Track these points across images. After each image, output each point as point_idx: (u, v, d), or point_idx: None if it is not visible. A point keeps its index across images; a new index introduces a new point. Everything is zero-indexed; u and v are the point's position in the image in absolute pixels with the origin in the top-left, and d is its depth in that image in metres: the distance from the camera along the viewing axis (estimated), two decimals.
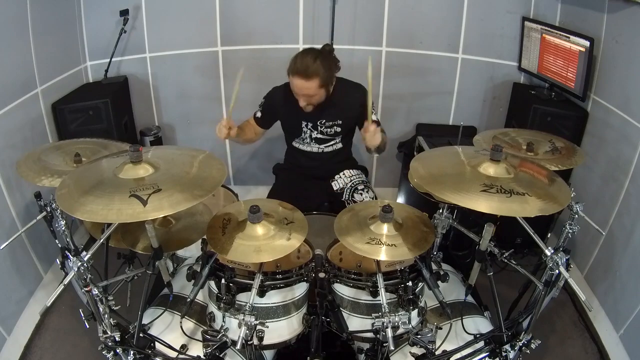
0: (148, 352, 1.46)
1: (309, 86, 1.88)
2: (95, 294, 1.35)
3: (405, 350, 1.53)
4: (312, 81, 1.86)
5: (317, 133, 2.13)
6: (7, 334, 2.03)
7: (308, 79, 1.86)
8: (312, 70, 1.84)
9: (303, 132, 2.15)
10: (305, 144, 2.19)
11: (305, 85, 1.87)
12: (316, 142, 2.17)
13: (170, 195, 1.23)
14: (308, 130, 2.13)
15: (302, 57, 1.88)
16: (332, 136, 2.15)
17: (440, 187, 1.33)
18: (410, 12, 2.82)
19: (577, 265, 2.50)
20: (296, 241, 1.35)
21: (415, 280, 1.44)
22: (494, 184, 1.31)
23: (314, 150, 2.19)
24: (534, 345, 1.53)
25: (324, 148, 2.18)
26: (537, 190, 1.33)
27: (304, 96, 1.93)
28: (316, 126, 2.11)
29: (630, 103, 2.14)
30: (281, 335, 1.47)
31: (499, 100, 3.01)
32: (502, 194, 1.29)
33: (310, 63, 1.84)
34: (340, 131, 2.13)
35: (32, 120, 2.32)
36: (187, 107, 3.11)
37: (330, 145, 2.18)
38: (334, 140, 2.17)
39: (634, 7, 2.06)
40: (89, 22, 2.74)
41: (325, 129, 2.12)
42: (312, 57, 1.86)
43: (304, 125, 2.13)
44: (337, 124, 2.11)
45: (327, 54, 1.95)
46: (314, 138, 2.15)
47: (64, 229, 1.58)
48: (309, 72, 1.84)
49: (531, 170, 1.46)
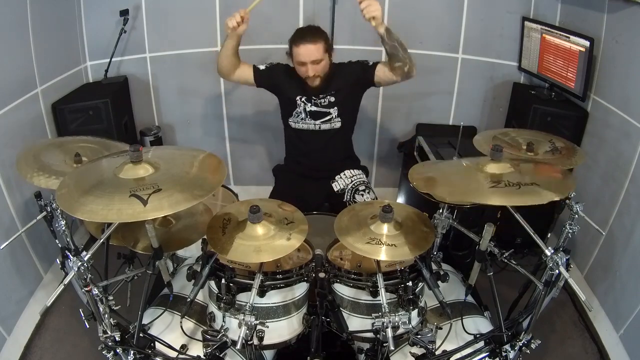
0: (148, 352, 1.46)
1: (317, 49, 1.97)
2: (95, 294, 1.35)
3: (405, 350, 1.53)
4: (318, 44, 1.97)
5: (312, 105, 2.13)
6: (7, 334, 2.03)
7: (315, 42, 1.96)
8: (317, 34, 1.99)
9: (297, 106, 2.15)
10: (301, 119, 2.17)
11: (313, 48, 1.97)
12: (311, 117, 2.16)
13: (170, 195, 1.23)
14: (302, 103, 2.14)
15: (303, 27, 2.07)
16: (326, 107, 2.14)
17: (448, 190, 1.35)
18: (410, 12, 2.82)
19: (577, 265, 2.50)
20: (296, 241, 1.35)
21: (415, 280, 1.44)
22: (501, 180, 1.34)
23: (311, 127, 2.18)
24: (534, 345, 1.53)
25: (321, 124, 2.17)
26: (542, 179, 1.37)
27: (312, 63, 2.00)
28: (310, 99, 2.13)
29: (630, 103, 2.14)
30: (281, 335, 1.47)
31: (499, 100, 3.01)
32: (511, 187, 1.32)
33: (314, 29, 2.02)
34: (335, 102, 2.13)
35: (32, 120, 2.32)
36: (187, 107, 3.11)
37: (327, 121, 2.16)
38: (330, 115, 2.15)
39: (634, 7, 2.06)
40: (89, 22, 2.74)
41: (319, 100, 2.13)
42: (313, 26, 2.05)
43: (298, 99, 2.14)
44: (330, 94, 2.12)
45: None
46: (308, 112, 2.15)
47: (64, 229, 1.57)
48: (315, 35, 1.98)
49: (548, 172, 1.49)
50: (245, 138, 3.23)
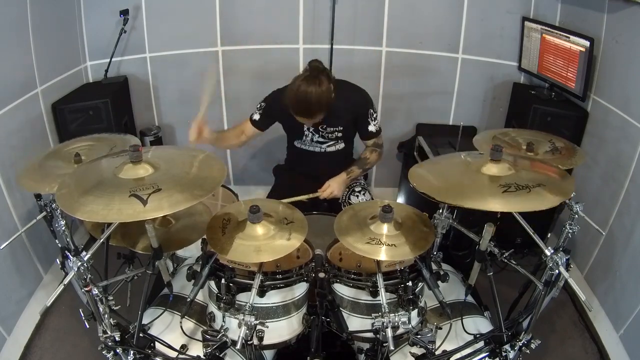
0: (148, 352, 1.46)
1: (313, 121, 1.95)
2: (95, 294, 1.35)
3: (405, 350, 1.53)
4: (315, 117, 1.90)
5: (319, 137, 2.14)
6: (7, 334, 2.03)
7: (312, 117, 1.90)
8: (313, 109, 1.84)
9: (305, 136, 2.15)
10: (307, 144, 2.19)
11: (310, 121, 1.96)
12: (318, 144, 2.17)
13: (170, 195, 1.23)
14: (310, 133, 2.14)
15: (299, 96, 1.80)
16: (333, 140, 2.16)
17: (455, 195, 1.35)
18: (410, 12, 2.82)
19: (577, 265, 2.50)
20: (296, 241, 1.35)
21: (415, 280, 1.44)
22: (509, 183, 1.34)
23: (317, 150, 2.19)
24: (534, 345, 1.53)
25: (326, 148, 2.18)
26: (545, 179, 1.37)
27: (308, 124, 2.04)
28: (318, 130, 2.12)
29: (630, 103, 2.14)
30: (281, 335, 1.47)
31: (499, 100, 3.01)
32: (522, 190, 1.31)
33: (310, 103, 1.81)
34: (342, 136, 2.14)
35: (32, 120, 2.32)
36: (187, 107, 3.09)
37: (332, 145, 2.18)
38: (335, 141, 2.17)
39: (634, 7, 2.06)
40: (89, 22, 2.74)
41: (327, 134, 2.13)
42: (310, 92, 1.79)
43: (306, 129, 2.13)
44: (338, 130, 2.11)
45: (319, 74, 1.84)
46: (315, 141, 2.16)
47: (64, 229, 1.58)
48: (311, 112, 1.85)
49: (544, 170, 1.49)
50: None
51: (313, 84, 1.80)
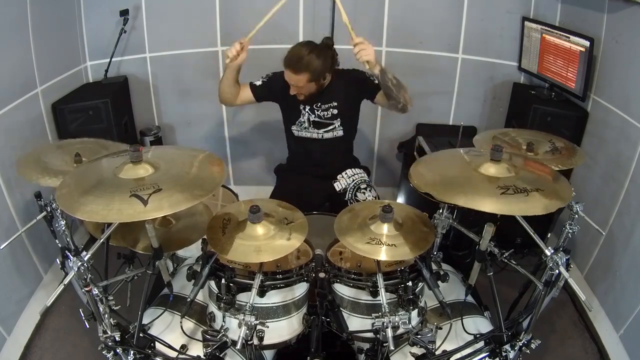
0: (148, 352, 1.46)
1: (297, 79, 1.94)
2: (95, 294, 1.35)
3: (405, 350, 1.53)
4: (300, 75, 1.92)
5: (315, 117, 2.13)
6: (7, 334, 2.03)
7: (297, 72, 1.92)
8: (302, 64, 1.91)
9: (301, 115, 2.14)
10: (304, 128, 2.17)
11: (294, 77, 1.94)
12: (315, 127, 2.16)
13: (170, 195, 1.23)
14: (306, 112, 2.13)
15: (295, 50, 1.95)
16: (329, 119, 2.14)
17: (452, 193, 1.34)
18: (410, 12, 2.82)
19: (577, 265, 2.50)
20: (296, 241, 1.35)
21: (415, 280, 1.44)
22: (507, 185, 1.33)
23: (314, 136, 2.18)
24: (534, 345, 1.53)
25: (324, 133, 2.17)
26: (544, 184, 1.37)
27: (293, 86, 2.00)
28: (313, 109, 2.12)
29: (630, 103, 2.14)
30: (281, 335, 1.47)
31: (499, 100, 3.01)
32: (520, 193, 1.31)
33: (301, 58, 1.91)
34: (337, 113, 2.12)
35: (32, 120, 2.32)
36: (187, 107, 3.10)
37: (330, 130, 2.16)
38: (332, 125, 2.15)
39: (634, 7, 2.06)
40: (89, 22, 2.74)
41: (321, 112, 2.12)
42: (306, 50, 1.92)
43: (302, 108, 2.13)
44: (333, 106, 2.11)
45: (324, 48, 1.98)
46: (312, 122, 2.15)
47: (64, 229, 1.57)
48: (298, 66, 1.91)
49: (536, 169, 1.49)
50: (245, 138, 3.23)
51: (313, 49, 1.94)
